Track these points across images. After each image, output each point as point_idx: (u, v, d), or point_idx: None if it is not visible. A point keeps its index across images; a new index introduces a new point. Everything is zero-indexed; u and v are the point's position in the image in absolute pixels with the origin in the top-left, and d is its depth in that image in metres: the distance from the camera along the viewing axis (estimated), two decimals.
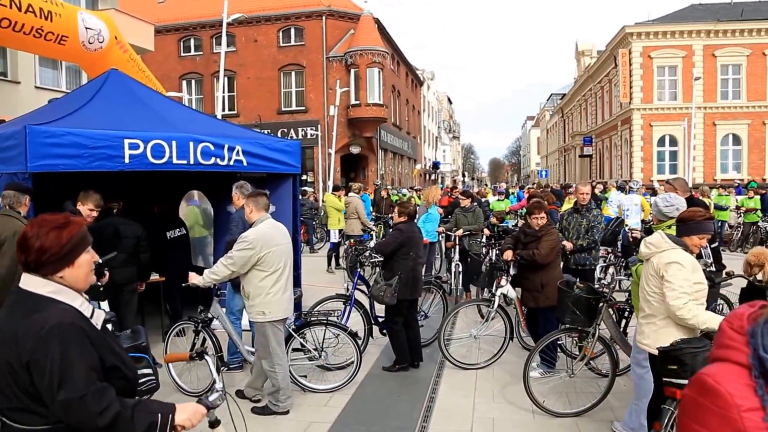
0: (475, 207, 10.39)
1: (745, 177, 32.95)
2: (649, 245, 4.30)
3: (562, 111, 65.13)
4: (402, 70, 44.16)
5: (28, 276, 2.17)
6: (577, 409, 5.51)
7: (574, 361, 5.79)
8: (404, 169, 45.57)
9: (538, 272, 6.37)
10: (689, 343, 3.79)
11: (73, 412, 2.04)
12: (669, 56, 34.66)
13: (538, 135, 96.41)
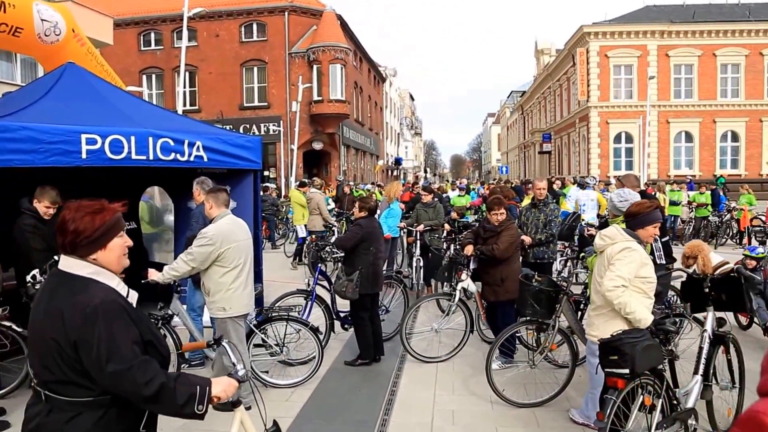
0: (435, 202, 10.51)
1: (696, 173, 34.04)
2: (604, 237, 4.36)
3: (522, 108, 66.05)
4: (364, 67, 44.18)
5: (68, 258, 2.31)
6: (536, 399, 5.63)
7: (535, 352, 5.92)
8: (367, 165, 45.64)
9: (498, 267, 6.47)
10: (628, 333, 3.88)
11: (121, 383, 2.20)
12: (625, 56, 35.54)
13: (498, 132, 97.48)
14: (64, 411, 2.24)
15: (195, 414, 2.38)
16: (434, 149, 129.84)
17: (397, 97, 68.39)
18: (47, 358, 2.22)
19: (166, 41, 34.61)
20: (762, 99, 35.76)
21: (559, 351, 6.20)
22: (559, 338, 5.86)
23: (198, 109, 33.21)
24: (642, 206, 4.44)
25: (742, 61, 35.65)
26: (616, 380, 3.89)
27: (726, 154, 36.28)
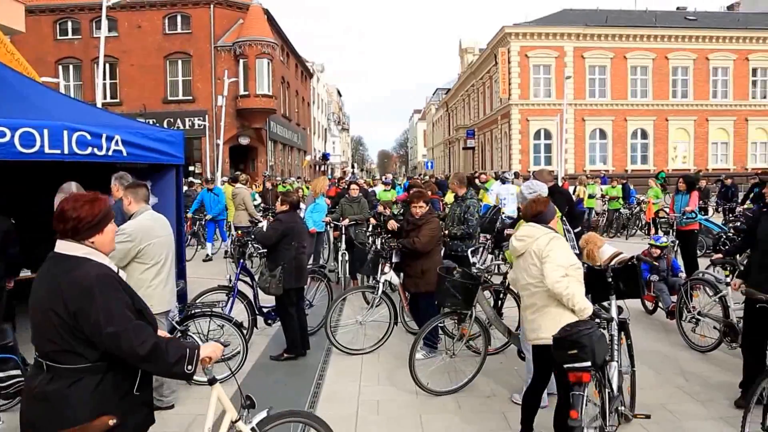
0: (360, 197, 10.64)
1: (610, 168, 35.67)
2: (523, 238, 4.26)
3: (447, 105, 67.16)
4: (292, 62, 43.81)
5: (64, 242, 2.61)
6: (456, 386, 5.84)
7: (454, 341, 6.13)
8: (294, 160, 45.31)
9: (419, 259, 6.60)
10: (579, 325, 3.84)
11: (118, 344, 2.48)
12: (544, 56, 36.78)
13: (424, 128, 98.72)
14: (66, 378, 2.49)
15: (185, 373, 2.68)
16: (361, 145, 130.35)
17: (325, 93, 68.17)
18: (49, 331, 2.49)
19: (84, 30, 33.10)
20: (668, 100, 37.84)
21: (478, 340, 6.44)
22: (476, 328, 6.11)
23: (119, 102, 32.03)
24: (541, 203, 4.41)
25: (649, 64, 37.57)
26: (581, 374, 3.79)
27: (636, 151, 38.18)
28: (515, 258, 4.41)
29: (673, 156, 38.30)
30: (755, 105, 38.80)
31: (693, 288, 7.43)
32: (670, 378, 6.12)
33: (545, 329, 4.14)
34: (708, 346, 6.88)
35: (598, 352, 3.76)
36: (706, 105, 38.24)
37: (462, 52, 58.15)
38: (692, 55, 37.88)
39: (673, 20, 39.86)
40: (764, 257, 5.03)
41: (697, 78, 38.08)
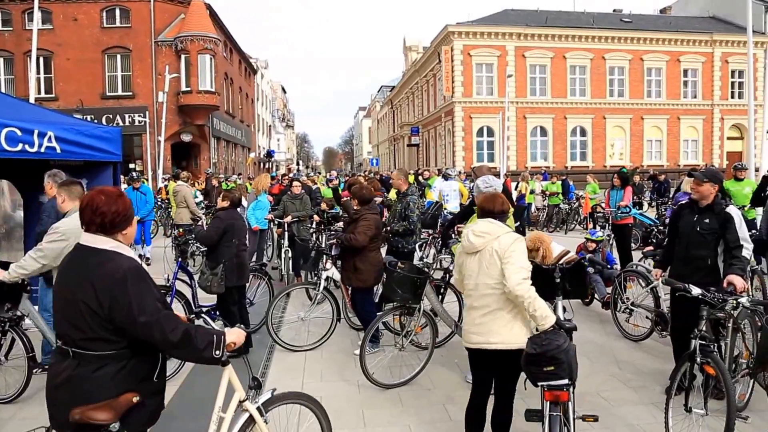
0: (302, 194, 10.63)
1: (550, 165, 36.57)
2: (482, 234, 3.94)
3: (392, 102, 67.43)
4: (235, 58, 43.19)
5: (92, 236, 2.71)
6: (401, 379, 5.90)
7: (401, 336, 6.19)
8: (238, 157, 44.71)
9: (354, 254, 6.63)
10: (551, 338, 3.58)
11: (151, 332, 2.61)
12: (486, 55, 37.37)
13: (369, 125, 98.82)
14: (92, 363, 2.62)
15: (213, 358, 2.85)
16: (306, 142, 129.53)
17: (269, 90, 67.46)
18: (78, 320, 2.61)
19: (16, 22, 31.65)
20: (605, 98, 39.07)
21: (423, 333, 6.53)
22: (423, 321, 6.20)
23: (55, 98, 30.91)
24: (500, 199, 4.20)
25: (587, 63, 38.69)
26: (558, 393, 3.57)
27: (576, 148, 39.27)
28: (468, 255, 4.04)
29: (610, 153, 39.57)
30: (687, 104, 40.50)
31: (626, 279, 7.73)
32: (604, 367, 6.34)
33: (496, 334, 3.86)
34: (641, 335, 7.16)
35: (574, 367, 3.57)
36: (641, 104, 39.68)
37: (406, 50, 58.50)
38: (628, 56, 39.22)
39: (609, 22, 41.17)
40: (686, 249, 5.25)
41: (632, 78, 39.45)
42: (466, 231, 4.11)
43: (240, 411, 3.34)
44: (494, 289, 3.88)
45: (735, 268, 4.88)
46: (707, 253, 5.14)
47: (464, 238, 4.06)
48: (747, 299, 4.53)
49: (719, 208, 5.18)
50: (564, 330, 3.75)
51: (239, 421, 3.31)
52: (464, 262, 4.08)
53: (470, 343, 4.01)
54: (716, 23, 42.44)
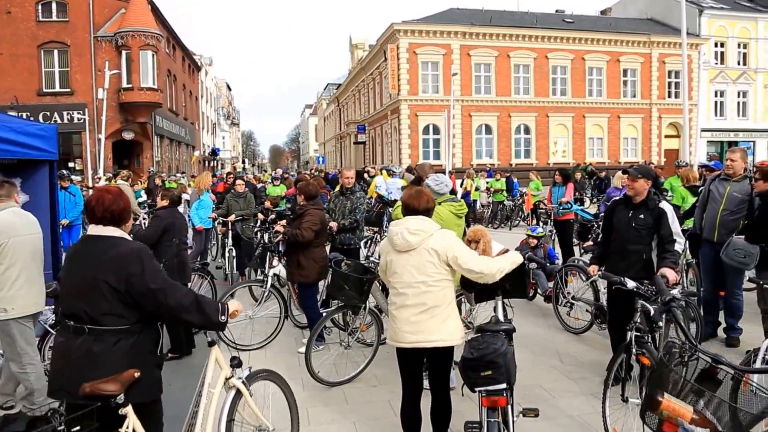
0: (246, 192, 10.54)
1: (495, 162, 37.15)
2: (417, 232, 3.89)
3: (338, 100, 67.24)
4: (178, 54, 42.24)
5: (102, 227, 3.15)
6: (346, 377, 5.92)
7: (347, 333, 6.22)
8: (182, 155, 43.76)
9: (298, 250, 6.62)
10: (489, 342, 3.54)
11: (166, 298, 3.07)
12: (432, 53, 37.61)
13: (316, 123, 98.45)
14: (108, 337, 3.01)
15: (219, 323, 3.32)
16: (252, 140, 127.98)
17: (214, 87, 66.33)
18: (97, 298, 3.00)
19: None
20: (548, 97, 39.91)
21: (369, 331, 6.57)
22: (369, 319, 6.23)
23: None
24: (426, 196, 4.13)
25: (531, 62, 39.42)
26: (496, 399, 3.51)
27: (520, 145, 39.98)
28: (399, 253, 3.96)
29: (553, 150, 40.46)
30: (626, 103, 41.74)
31: (568, 274, 7.94)
32: (546, 359, 6.51)
33: (434, 331, 3.83)
34: (581, 327, 7.38)
35: (512, 371, 3.53)
36: (583, 102, 40.67)
37: (352, 48, 58.41)
38: (570, 56, 40.13)
39: (552, 22, 42.02)
40: (622, 244, 5.41)
41: (574, 77, 40.39)
42: (397, 229, 3.99)
43: (228, 387, 3.75)
44: (431, 286, 3.86)
45: (668, 261, 5.07)
46: (642, 248, 5.31)
47: (397, 236, 3.94)
48: (678, 291, 4.71)
49: (653, 204, 5.36)
50: (503, 332, 3.76)
51: (230, 396, 3.72)
52: (394, 260, 4.00)
53: (403, 342, 3.92)
54: (654, 25, 43.88)
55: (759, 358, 4.53)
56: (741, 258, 5.93)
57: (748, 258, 5.90)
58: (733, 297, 6.79)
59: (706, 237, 6.89)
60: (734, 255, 5.99)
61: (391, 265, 4.02)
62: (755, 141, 44.39)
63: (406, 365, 4.11)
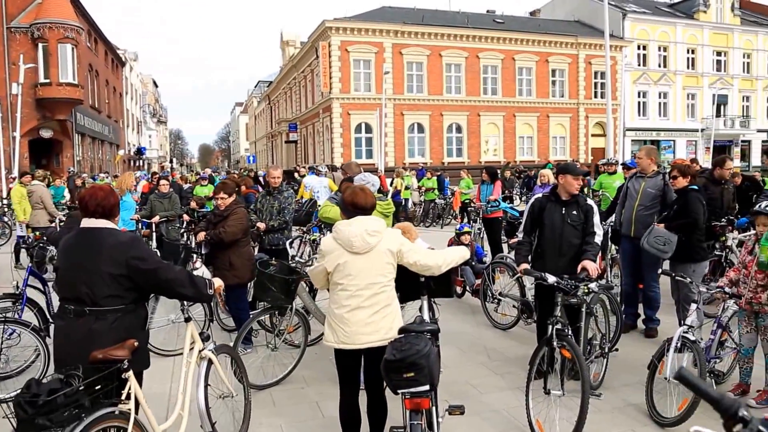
0: (171, 193, 10.22)
1: (428, 161, 37.53)
2: (375, 233, 3.83)
3: (269, 98, 66.45)
4: (100, 49, 40.65)
5: (95, 220, 3.52)
6: (273, 379, 5.81)
7: (275, 334, 6.09)
8: (105, 155, 42.17)
9: (227, 251, 6.48)
10: (412, 342, 3.45)
11: (165, 273, 3.55)
12: (364, 51, 37.61)
13: (246, 121, 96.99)
14: (108, 316, 3.40)
15: (208, 295, 3.87)
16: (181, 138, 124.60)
17: (139, 84, 64.25)
18: (97, 282, 3.38)
19: None
20: (479, 96, 40.60)
21: (297, 332, 6.45)
22: (296, 320, 6.12)
23: None
24: (369, 193, 4.08)
25: (462, 62, 40.00)
26: (420, 401, 3.42)
27: (452, 144, 40.52)
28: (354, 254, 3.83)
29: (485, 149, 41.20)
30: (555, 103, 43.00)
31: (495, 270, 8.04)
32: (474, 356, 6.56)
33: (386, 330, 3.82)
34: (509, 323, 7.49)
35: (435, 372, 3.48)
36: (513, 102, 41.61)
37: (283, 45, 57.73)
38: (500, 55, 40.95)
39: (483, 22, 42.79)
40: (560, 241, 5.46)
41: (505, 77, 41.26)
42: (355, 230, 3.82)
43: (201, 358, 4.24)
44: (386, 286, 3.88)
45: (588, 254, 5.19)
46: (578, 243, 5.42)
47: (356, 237, 3.79)
48: (596, 284, 4.83)
49: (583, 200, 5.50)
50: (427, 333, 3.70)
51: (204, 366, 4.23)
52: (349, 262, 3.84)
53: (358, 344, 3.83)
54: (580, 27, 45.34)
55: (672, 347, 4.70)
56: (661, 245, 6.15)
57: (667, 245, 6.13)
58: (650, 289, 7.05)
59: (625, 232, 7.12)
60: (654, 242, 6.20)
61: (344, 268, 3.85)
62: (675, 140, 46.76)
63: (348, 366, 4.05)
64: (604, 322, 5.75)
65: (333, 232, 3.95)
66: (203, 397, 4.18)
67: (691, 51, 47.27)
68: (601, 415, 4.85)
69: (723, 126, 46.75)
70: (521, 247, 5.66)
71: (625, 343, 6.63)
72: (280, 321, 6.17)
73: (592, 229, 5.37)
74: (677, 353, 4.73)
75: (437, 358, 3.63)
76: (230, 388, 4.57)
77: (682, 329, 4.79)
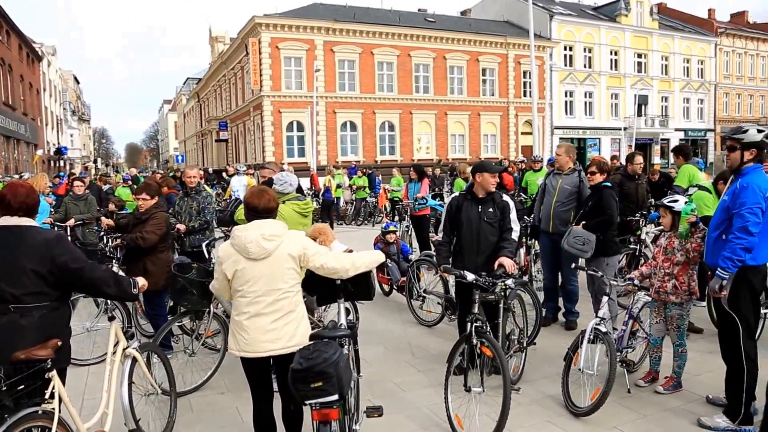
0: (87, 195, 9.81)
1: (361, 159, 37.50)
2: (272, 237, 3.69)
3: (199, 96, 64.88)
4: (14, 42, 38.65)
5: (17, 218, 3.48)
6: (192, 385, 5.65)
7: (191, 340, 5.93)
8: (21, 155, 40.15)
9: (143, 256, 6.26)
10: (320, 350, 3.33)
11: (91, 273, 3.59)
12: (295, 48, 37.13)
13: (175, 119, 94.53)
14: (34, 313, 3.40)
15: (132, 294, 3.90)
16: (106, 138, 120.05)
17: (59, 79, 61.52)
18: (20, 279, 3.37)
19: None
20: (411, 94, 40.81)
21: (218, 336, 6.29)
22: (216, 324, 5.96)
23: None
24: (267, 195, 3.90)
25: (394, 60, 40.09)
26: (328, 412, 3.29)
27: (385, 142, 40.56)
28: (252, 260, 3.69)
29: (417, 147, 41.45)
30: (486, 101, 43.67)
31: (420, 268, 8.08)
32: (398, 354, 6.57)
33: (290, 337, 3.73)
34: (433, 320, 7.54)
35: (345, 380, 3.34)
36: (444, 100, 42.00)
37: (212, 41, 56.48)
38: (432, 54, 41.24)
39: (414, 21, 42.98)
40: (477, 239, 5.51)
41: (436, 75, 41.57)
42: (250, 235, 3.69)
43: (125, 356, 4.30)
44: (288, 292, 3.75)
45: (505, 251, 5.26)
46: (495, 240, 5.47)
47: (251, 243, 3.66)
48: (513, 280, 4.90)
49: (499, 197, 5.57)
50: (338, 338, 3.62)
51: (128, 363, 4.29)
52: (247, 269, 3.71)
53: (261, 351, 3.73)
54: (510, 27, 46.23)
55: (585, 339, 4.84)
56: (580, 245, 6.30)
57: (587, 245, 6.28)
58: (569, 283, 7.25)
59: (544, 228, 7.28)
60: (574, 243, 6.35)
61: (243, 274, 3.72)
62: (600, 138, 48.48)
63: (256, 373, 3.94)
64: (523, 317, 5.85)
65: (230, 238, 3.82)
66: (127, 394, 4.24)
67: (614, 53, 49.12)
68: (519, 408, 4.92)
69: (644, 125, 48.82)
70: (441, 247, 5.69)
71: (546, 336, 6.80)
72: (198, 325, 6.00)
73: (509, 225, 5.45)
74: (590, 344, 4.88)
75: (348, 365, 3.52)
76: (154, 385, 4.69)
77: (595, 321, 4.95)
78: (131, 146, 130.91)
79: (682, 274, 5.11)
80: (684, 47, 52.65)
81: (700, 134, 53.88)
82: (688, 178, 7.88)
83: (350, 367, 3.70)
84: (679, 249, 5.15)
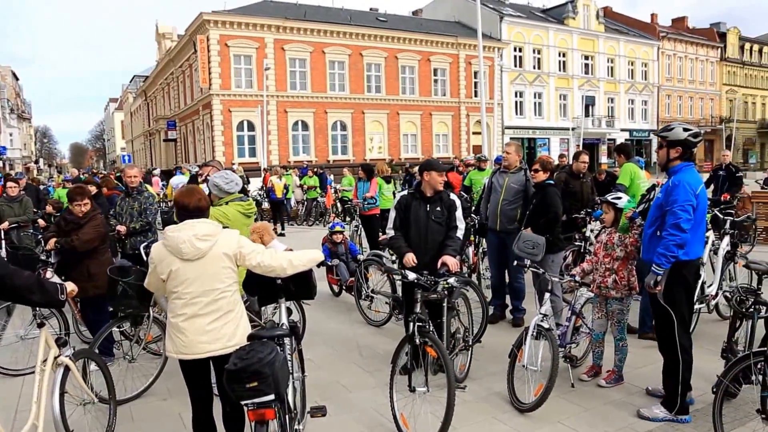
0: (22, 196, 9.45)
1: (313, 159, 37.28)
2: (206, 237, 3.61)
3: (146, 94, 63.45)
4: None
5: None
6: (133, 392, 5.50)
7: (131, 345, 5.76)
8: None
9: (84, 260, 6.05)
10: (255, 350, 3.28)
11: (12, 280, 3.45)
12: (244, 46, 36.64)
13: (122, 118, 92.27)
14: None
15: (59, 301, 3.76)
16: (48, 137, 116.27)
17: None
18: None
19: None
20: (363, 94, 40.82)
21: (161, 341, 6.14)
22: (157, 328, 5.80)
23: None
24: (197, 195, 3.82)
25: (346, 59, 40.01)
26: (263, 412, 3.25)
27: (337, 142, 40.46)
28: (186, 261, 3.61)
29: (370, 147, 41.51)
30: (437, 101, 44.08)
31: (369, 268, 8.05)
32: (346, 354, 6.53)
33: (229, 337, 3.68)
34: (381, 320, 7.52)
35: (282, 380, 3.30)
36: (396, 100, 42.16)
37: (159, 37, 55.18)
38: (383, 54, 41.35)
39: (366, 20, 43.02)
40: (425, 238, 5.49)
41: (388, 74, 41.69)
42: (183, 236, 3.59)
43: (57, 364, 4.11)
44: (225, 292, 3.68)
45: (449, 249, 5.27)
46: (442, 239, 5.48)
47: (185, 243, 3.56)
48: (455, 279, 4.91)
49: (446, 196, 5.57)
50: (275, 338, 3.60)
51: (60, 372, 4.11)
52: (181, 269, 3.61)
53: (200, 353, 3.65)
54: (461, 28, 46.68)
55: (529, 336, 4.91)
56: (530, 249, 6.36)
57: (537, 248, 6.35)
58: (515, 281, 7.34)
59: (491, 226, 7.34)
60: (524, 247, 6.40)
61: (177, 275, 3.63)
62: (550, 138, 49.51)
63: (194, 376, 3.85)
64: (468, 315, 5.88)
65: (163, 239, 3.72)
66: (58, 404, 4.08)
67: (563, 54, 50.26)
68: (465, 406, 4.94)
69: (591, 125, 50.06)
70: (396, 240, 5.58)
71: (493, 333, 6.85)
72: (138, 330, 5.83)
73: (455, 223, 5.47)
74: (534, 341, 4.94)
75: (285, 365, 3.46)
76: (90, 394, 4.54)
77: (538, 318, 5.02)
78: (76, 146, 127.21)
79: (621, 269, 5.23)
80: (628, 50, 54.29)
81: (644, 135, 55.55)
82: (630, 176, 8.07)
83: (288, 366, 3.65)
84: (618, 244, 5.27)
